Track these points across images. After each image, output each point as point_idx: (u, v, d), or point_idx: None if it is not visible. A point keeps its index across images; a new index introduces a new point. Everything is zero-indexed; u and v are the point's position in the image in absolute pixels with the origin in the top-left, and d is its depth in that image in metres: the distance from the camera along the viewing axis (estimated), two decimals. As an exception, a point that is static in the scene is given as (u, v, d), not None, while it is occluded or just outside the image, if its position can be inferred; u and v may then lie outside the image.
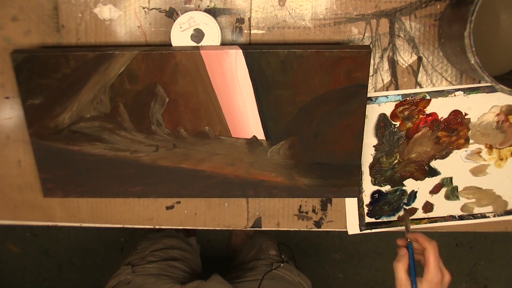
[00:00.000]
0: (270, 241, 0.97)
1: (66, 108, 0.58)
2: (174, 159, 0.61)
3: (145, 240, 0.93)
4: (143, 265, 0.81)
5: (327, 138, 0.59)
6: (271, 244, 0.95)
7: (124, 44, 0.59)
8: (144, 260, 0.84)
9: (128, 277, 0.78)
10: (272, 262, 0.85)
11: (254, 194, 0.63)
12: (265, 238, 1.00)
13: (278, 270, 0.81)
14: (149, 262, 0.83)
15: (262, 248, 0.93)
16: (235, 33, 0.58)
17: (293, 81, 0.56)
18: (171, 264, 0.84)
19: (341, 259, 1.52)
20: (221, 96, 0.57)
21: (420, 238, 0.59)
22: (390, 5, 0.57)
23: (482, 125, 0.62)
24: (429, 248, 0.58)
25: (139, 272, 0.79)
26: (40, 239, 1.51)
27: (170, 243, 0.92)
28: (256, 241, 0.99)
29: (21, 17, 0.58)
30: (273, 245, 0.95)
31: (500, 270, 1.54)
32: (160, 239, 0.93)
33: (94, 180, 0.62)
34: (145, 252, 0.87)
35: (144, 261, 0.83)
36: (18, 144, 0.63)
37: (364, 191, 0.65)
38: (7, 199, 0.66)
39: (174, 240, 0.94)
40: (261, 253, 0.91)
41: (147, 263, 0.82)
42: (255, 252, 0.94)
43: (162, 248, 0.89)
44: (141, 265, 0.81)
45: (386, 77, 0.60)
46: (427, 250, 0.58)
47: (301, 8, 0.57)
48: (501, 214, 0.67)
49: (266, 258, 0.88)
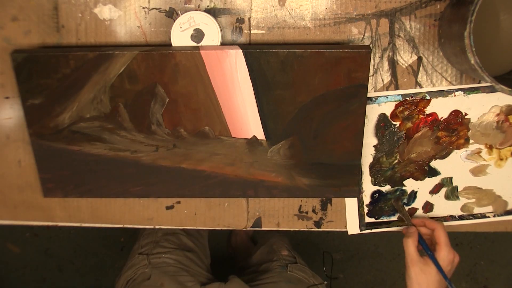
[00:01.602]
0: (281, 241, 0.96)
1: (66, 108, 0.58)
2: (174, 159, 0.61)
3: None
4: (159, 254, 0.79)
5: (327, 138, 0.59)
6: (282, 244, 0.94)
7: (124, 44, 0.59)
8: (158, 246, 0.81)
9: (146, 270, 0.76)
10: (287, 263, 0.84)
11: (254, 194, 0.63)
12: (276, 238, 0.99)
13: (293, 272, 0.81)
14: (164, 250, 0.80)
15: (274, 249, 0.92)
16: (235, 33, 0.58)
17: (293, 81, 0.56)
18: (187, 256, 0.83)
19: (341, 259, 1.53)
20: (221, 96, 0.57)
21: (427, 221, 0.61)
22: (390, 5, 0.57)
23: (482, 125, 0.62)
24: (438, 228, 0.59)
25: (156, 264, 0.77)
26: (40, 239, 1.51)
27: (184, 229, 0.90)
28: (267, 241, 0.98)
29: (21, 17, 0.58)
30: (284, 244, 0.94)
31: (500, 270, 1.54)
32: None
33: (94, 180, 0.62)
34: (157, 234, 0.85)
35: (158, 247, 0.81)
36: (18, 144, 0.63)
37: (364, 191, 0.65)
38: (7, 199, 0.66)
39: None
40: (274, 254, 0.90)
41: (163, 253, 0.80)
42: (267, 253, 0.93)
43: (175, 232, 0.87)
44: (156, 254, 0.79)
45: (386, 77, 0.60)
46: (437, 230, 0.59)
47: (301, 8, 0.57)
48: (501, 214, 0.67)
49: (279, 259, 0.87)
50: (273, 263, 0.86)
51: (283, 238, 1.00)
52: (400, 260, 1.50)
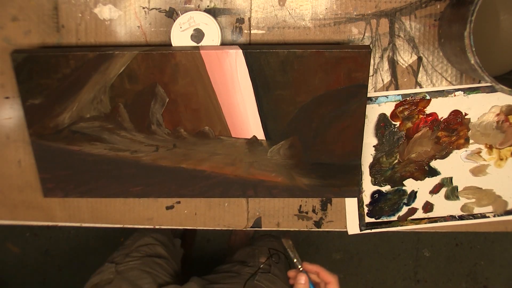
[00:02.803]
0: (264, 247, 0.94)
1: (66, 108, 0.58)
2: (174, 159, 0.61)
3: (135, 233, 0.92)
4: (126, 263, 0.80)
5: (327, 138, 0.59)
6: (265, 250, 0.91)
7: (124, 44, 0.59)
8: (128, 257, 0.83)
9: (110, 276, 0.77)
10: (258, 271, 0.81)
11: (254, 194, 0.63)
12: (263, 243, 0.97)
13: (260, 282, 0.78)
14: (132, 259, 0.81)
15: (254, 254, 0.91)
16: (235, 33, 0.58)
17: (293, 81, 0.56)
18: (155, 261, 0.83)
19: (341, 259, 1.53)
20: (221, 96, 0.57)
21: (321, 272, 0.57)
22: (390, 5, 0.57)
23: (482, 125, 0.62)
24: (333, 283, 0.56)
25: (122, 271, 0.78)
26: (40, 239, 1.51)
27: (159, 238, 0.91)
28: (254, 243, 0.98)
29: (21, 17, 0.58)
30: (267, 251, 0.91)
31: (500, 270, 1.54)
32: (149, 233, 0.92)
33: (94, 180, 0.62)
34: (131, 247, 0.86)
35: (128, 257, 0.82)
36: (18, 144, 0.63)
37: (364, 191, 0.65)
38: (7, 199, 0.66)
39: (162, 236, 0.93)
40: (251, 259, 0.88)
41: (131, 261, 0.81)
42: (247, 255, 0.91)
43: (149, 243, 0.88)
44: (124, 263, 0.80)
45: (386, 77, 0.60)
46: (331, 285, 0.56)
47: (301, 8, 0.57)
48: (501, 214, 0.67)
49: (253, 266, 0.85)
50: (246, 268, 0.84)
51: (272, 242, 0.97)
52: (400, 260, 1.50)
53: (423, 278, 1.53)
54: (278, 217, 0.67)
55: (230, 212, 0.67)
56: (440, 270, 1.54)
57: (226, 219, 0.67)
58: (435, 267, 1.53)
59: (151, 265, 0.82)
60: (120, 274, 0.78)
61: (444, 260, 1.53)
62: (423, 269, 1.52)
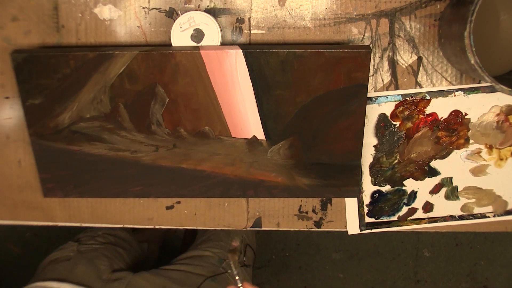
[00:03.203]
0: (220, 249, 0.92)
1: (66, 108, 0.58)
2: (174, 159, 0.61)
3: None
4: (90, 244, 0.82)
5: (327, 138, 0.59)
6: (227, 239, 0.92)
7: (124, 44, 0.59)
8: (92, 239, 0.85)
9: (70, 254, 0.80)
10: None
11: (254, 194, 0.63)
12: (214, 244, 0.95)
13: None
14: (96, 243, 0.84)
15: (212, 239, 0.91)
16: (235, 33, 0.58)
17: (293, 81, 0.56)
18: (117, 250, 0.85)
19: (341, 259, 1.53)
20: (221, 96, 0.57)
21: None
22: (390, 5, 0.57)
23: (482, 125, 0.62)
24: None
25: (83, 251, 0.80)
26: (40, 239, 1.51)
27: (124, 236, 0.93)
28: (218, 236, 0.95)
29: (21, 17, 0.58)
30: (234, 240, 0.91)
31: (500, 270, 1.54)
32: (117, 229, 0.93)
33: (94, 180, 0.62)
34: (97, 232, 0.89)
35: (93, 239, 0.85)
36: (18, 144, 0.63)
37: (364, 191, 0.65)
38: (7, 199, 0.66)
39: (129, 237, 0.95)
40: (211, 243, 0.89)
41: (94, 244, 0.83)
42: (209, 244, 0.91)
43: (116, 235, 0.90)
44: (87, 244, 0.82)
45: (386, 77, 0.60)
46: None
47: (301, 8, 0.57)
48: (501, 214, 0.67)
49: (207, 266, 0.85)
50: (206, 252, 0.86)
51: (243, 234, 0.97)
52: (400, 260, 1.50)
53: (423, 278, 1.53)
54: (278, 217, 0.67)
55: (230, 212, 0.67)
56: (440, 270, 1.54)
57: (226, 219, 0.67)
58: (435, 267, 1.53)
59: (112, 252, 0.84)
60: (80, 253, 0.80)
61: (444, 260, 1.53)
62: (423, 269, 1.52)
